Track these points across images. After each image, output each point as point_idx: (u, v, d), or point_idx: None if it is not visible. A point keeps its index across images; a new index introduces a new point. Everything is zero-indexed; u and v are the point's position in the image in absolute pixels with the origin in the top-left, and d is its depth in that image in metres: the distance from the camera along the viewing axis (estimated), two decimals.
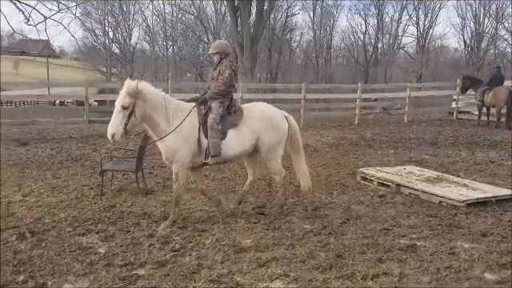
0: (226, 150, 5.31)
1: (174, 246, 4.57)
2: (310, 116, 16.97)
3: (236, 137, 5.37)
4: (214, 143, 5.20)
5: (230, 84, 5.48)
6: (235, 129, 5.39)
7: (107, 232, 5.00)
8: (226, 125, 5.33)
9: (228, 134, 5.33)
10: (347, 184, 7.44)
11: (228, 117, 5.39)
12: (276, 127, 5.59)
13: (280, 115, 5.74)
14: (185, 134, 5.16)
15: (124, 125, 4.87)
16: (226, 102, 5.41)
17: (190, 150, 5.20)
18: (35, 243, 4.66)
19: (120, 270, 4.02)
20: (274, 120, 5.61)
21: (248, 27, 15.76)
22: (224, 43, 6.17)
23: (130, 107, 4.87)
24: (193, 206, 6.11)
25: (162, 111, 5.12)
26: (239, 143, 5.40)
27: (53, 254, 4.37)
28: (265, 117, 5.56)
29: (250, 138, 5.45)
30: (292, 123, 5.85)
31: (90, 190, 6.87)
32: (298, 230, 5.10)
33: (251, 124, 5.45)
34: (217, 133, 5.22)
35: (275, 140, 5.58)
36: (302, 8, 51.48)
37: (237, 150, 5.42)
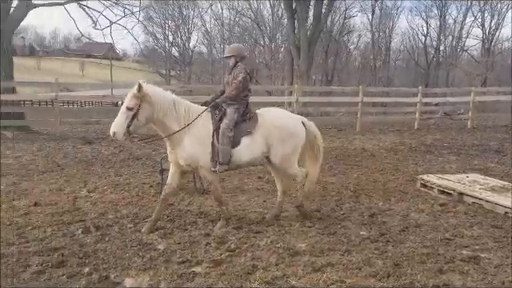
0: (237, 157, 5.15)
1: (230, 246, 4.64)
2: (367, 120, 16.64)
3: (248, 145, 5.18)
4: (225, 150, 5.04)
5: (244, 88, 5.28)
6: (248, 136, 5.19)
7: (166, 229, 5.15)
8: (239, 132, 5.15)
9: (241, 142, 5.14)
10: (406, 191, 7.22)
11: (242, 124, 5.21)
12: (290, 135, 5.34)
13: (295, 121, 5.53)
14: (201, 137, 5.07)
15: (127, 125, 4.81)
16: (241, 108, 5.24)
17: (209, 155, 5.08)
18: (99, 237, 4.88)
19: (178, 266, 4.13)
20: (288, 127, 5.36)
21: (305, 30, 15.69)
22: (239, 46, 5.95)
23: (134, 109, 4.81)
24: (248, 207, 6.17)
25: (172, 115, 5.01)
26: (251, 151, 5.20)
27: (115, 248, 4.56)
28: (278, 124, 5.31)
29: (262, 145, 5.23)
30: (311, 129, 5.62)
31: (150, 188, 7.12)
32: (355, 236, 5.01)
33: (264, 131, 5.22)
34: (228, 139, 5.05)
35: (289, 148, 5.34)
36: (361, 10, 50.61)
37: (248, 157, 5.23)
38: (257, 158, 5.33)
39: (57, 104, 13.57)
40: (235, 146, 5.11)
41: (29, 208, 5.92)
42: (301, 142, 5.45)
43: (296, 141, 5.40)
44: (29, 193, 6.75)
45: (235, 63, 5.43)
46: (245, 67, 5.39)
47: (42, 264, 4.12)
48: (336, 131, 15.01)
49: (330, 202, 6.46)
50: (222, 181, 7.66)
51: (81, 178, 7.83)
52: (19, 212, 5.75)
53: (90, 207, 6.04)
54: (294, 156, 5.45)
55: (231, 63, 5.47)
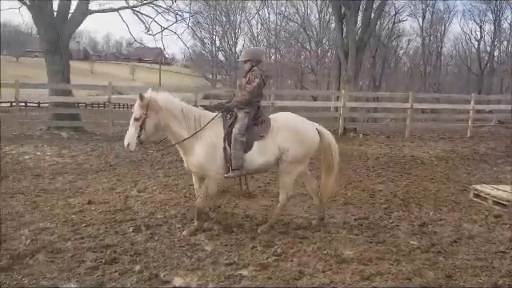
0: (249, 162, 5.04)
1: (276, 250, 4.63)
2: (416, 126, 16.20)
3: (261, 149, 5.07)
4: (237, 155, 4.95)
5: (257, 94, 5.20)
6: (261, 141, 5.07)
7: (213, 231, 5.22)
8: (251, 136, 5.04)
9: (253, 146, 5.04)
10: (458, 201, 6.96)
11: (254, 128, 5.11)
12: (303, 140, 5.19)
13: (309, 128, 5.35)
14: (211, 144, 4.98)
15: (137, 136, 4.82)
16: (252, 112, 5.15)
17: (219, 163, 5.00)
18: (149, 236, 5.02)
19: (225, 268, 4.18)
20: (300, 132, 5.21)
21: (353, 34, 15.50)
22: (256, 50, 5.80)
23: (140, 119, 4.80)
24: (294, 212, 6.15)
25: (182, 122, 4.97)
26: (263, 156, 5.09)
27: (164, 247, 4.68)
28: (291, 128, 5.18)
29: (274, 150, 5.10)
30: (326, 137, 5.43)
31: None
32: (404, 246, 4.89)
33: (277, 136, 5.10)
34: (241, 145, 4.96)
35: (300, 153, 5.17)
36: (411, 14, 49.34)
37: (260, 162, 5.11)
38: (270, 162, 5.18)
39: (109, 106, 14.10)
40: (247, 151, 5.02)
41: (83, 206, 6.16)
42: (313, 148, 5.31)
43: (308, 146, 5.23)
44: (83, 191, 7.04)
45: (251, 67, 5.34)
46: (261, 72, 5.28)
47: (96, 260, 4.28)
48: (384, 137, 14.69)
49: (378, 210, 6.32)
50: (268, 185, 7.70)
51: (131, 177, 8.08)
52: (74, 209, 6.01)
53: (140, 206, 6.22)
54: (302, 164, 5.30)
55: (247, 67, 5.40)
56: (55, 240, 4.82)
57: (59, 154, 10.15)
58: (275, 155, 5.12)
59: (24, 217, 5.60)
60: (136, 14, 15.03)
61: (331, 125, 16.07)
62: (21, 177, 7.86)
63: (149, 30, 15.39)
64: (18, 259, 4.27)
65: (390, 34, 46.29)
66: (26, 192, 6.81)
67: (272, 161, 5.16)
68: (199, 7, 35.84)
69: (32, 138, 12.32)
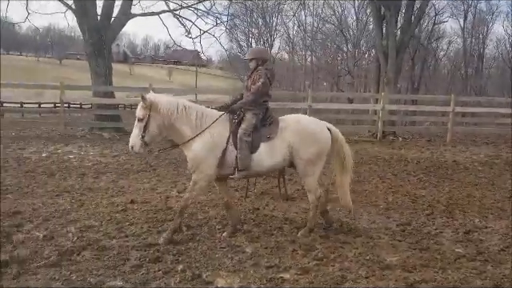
0: (257, 163, 4.96)
1: (317, 254, 4.60)
2: (458, 130, 15.73)
3: (268, 150, 4.98)
4: (243, 156, 4.87)
5: (263, 93, 5.09)
6: (269, 142, 4.99)
7: (252, 233, 5.24)
8: (258, 137, 4.97)
9: (260, 147, 4.96)
10: (504, 208, 6.71)
11: (262, 129, 5.04)
12: (314, 140, 5.07)
13: (320, 127, 5.23)
14: (211, 142, 4.90)
15: (141, 137, 4.81)
16: (260, 113, 5.07)
17: (215, 160, 4.90)
18: (190, 236, 5.09)
19: (266, 271, 4.18)
20: (311, 132, 5.10)
21: (394, 36, 15.22)
22: (261, 49, 5.58)
23: (144, 119, 4.79)
24: (334, 216, 6.08)
25: (184, 120, 4.91)
26: (271, 157, 5.00)
27: (206, 248, 4.73)
28: (301, 129, 5.08)
29: (283, 151, 5.01)
30: (337, 136, 5.29)
31: (235, 192, 7.28)
32: (449, 254, 4.75)
33: (286, 137, 5.01)
34: (246, 145, 4.89)
35: (313, 153, 5.05)
36: (452, 15, 47.97)
37: (268, 163, 5.03)
38: (278, 164, 5.11)
39: None
40: (254, 152, 4.94)
41: (126, 205, 6.32)
42: (325, 148, 5.16)
43: (320, 146, 5.11)
44: (125, 190, 7.21)
45: (256, 66, 5.24)
46: (266, 71, 5.16)
47: (140, 258, 4.38)
48: (424, 141, 14.35)
49: (420, 216, 6.18)
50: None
51: (171, 178, 8.21)
52: (118, 208, 6.16)
53: None
54: (319, 164, 5.14)
55: (252, 66, 5.29)
56: (100, 238, 4.96)
57: (102, 154, 10.45)
58: (283, 156, 5.04)
59: (70, 214, 5.79)
60: (177, 17, 15.29)
61: (369, 128, 15.87)
62: (66, 175, 8.14)
63: (189, 33, 15.64)
64: (66, 255, 4.41)
65: (429, 35, 45.17)
66: (71, 190, 7.05)
67: (280, 162, 5.09)
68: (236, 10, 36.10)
69: (75, 138, 12.75)
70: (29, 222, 5.41)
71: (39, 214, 5.76)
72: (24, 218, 5.58)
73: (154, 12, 15.09)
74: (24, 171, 8.32)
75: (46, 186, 7.31)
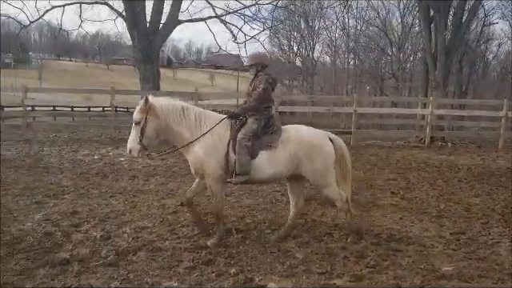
0: (256, 170, 4.89)
1: (369, 261, 4.54)
2: (510, 136, 15.08)
3: (268, 159, 4.90)
4: (242, 160, 4.81)
5: (264, 99, 5.03)
6: (269, 150, 4.91)
7: (302, 238, 5.23)
8: (258, 144, 4.89)
9: (259, 154, 4.88)
10: None
11: (264, 136, 4.96)
12: (318, 151, 4.99)
13: (321, 137, 5.13)
14: (212, 144, 4.88)
15: (139, 140, 4.84)
16: (262, 120, 5.01)
17: (218, 162, 4.87)
18: (241, 240, 5.14)
19: (318, 277, 4.17)
20: (314, 143, 5.01)
21: (443, 39, 14.80)
22: (260, 54, 5.63)
23: (141, 123, 4.82)
24: (384, 223, 5.98)
25: (182, 122, 4.93)
26: (271, 166, 4.91)
27: (257, 252, 4.76)
28: (304, 140, 4.99)
29: (286, 162, 4.92)
30: (339, 145, 5.19)
31: (282, 196, 7.29)
32: (508, 264, 4.57)
33: (288, 147, 4.93)
34: (245, 150, 4.82)
35: (319, 164, 4.97)
36: (502, 16, 46.08)
37: (269, 172, 4.93)
38: (281, 173, 5.00)
39: None
40: (253, 158, 4.87)
41: (177, 207, 6.46)
42: (330, 158, 5.05)
43: (325, 157, 5.01)
44: (175, 193, 7.38)
45: (256, 72, 5.21)
46: (267, 77, 5.12)
47: (193, 260, 4.47)
48: (475, 147, 13.87)
49: (475, 225, 5.97)
50: (355, 194, 7.56)
51: None
52: (169, 210, 6.32)
53: (229, 210, 6.39)
54: (329, 174, 5.06)
55: (252, 72, 5.26)
56: (154, 239, 5.10)
57: (150, 157, 10.72)
58: (287, 167, 4.96)
59: (125, 215, 5.99)
60: (223, 23, 15.52)
61: (416, 133, 15.49)
62: (118, 177, 8.42)
63: (236, 38, 15.83)
64: (123, 255, 4.57)
65: (478, 37, 43.60)
66: (124, 192, 7.28)
67: (283, 172, 5.00)
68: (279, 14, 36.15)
69: (124, 142, 13.10)
70: (86, 222, 5.63)
71: (95, 214, 5.99)
72: (81, 218, 5.81)
73: (201, 18, 15.40)
74: (78, 173, 8.67)
75: (100, 187, 7.58)
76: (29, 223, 5.51)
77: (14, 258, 4.42)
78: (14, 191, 7.00)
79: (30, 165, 9.26)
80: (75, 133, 15.28)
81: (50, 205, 6.35)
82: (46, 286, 3.86)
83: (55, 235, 5.11)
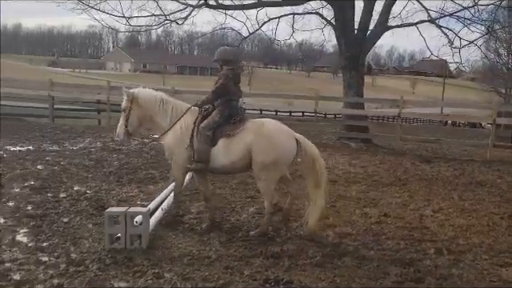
0: (213, 158, 5.14)
1: None
2: None
3: (225, 147, 5.11)
4: (200, 148, 5.12)
5: (223, 93, 5.29)
6: (226, 138, 5.12)
7: None
8: (219, 133, 5.14)
9: (219, 143, 5.13)
10: None
11: (226, 125, 5.17)
12: (273, 145, 5.02)
13: (283, 134, 5.16)
14: (179, 133, 5.25)
15: (124, 126, 5.32)
16: (225, 111, 5.24)
17: (184, 150, 5.20)
18: (452, 262, 4.74)
19: None
20: (271, 137, 5.06)
21: None
22: (223, 50, 5.57)
23: (126, 110, 5.33)
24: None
25: (159, 112, 5.36)
26: (226, 154, 5.11)
27: (473, 278, 4.34)
28: (262, 132, 5.07)
29: (239, 151, 5.07)
30: (306, 148, 5.17)
31: (501, 220, 6.47)
32: None
33: (244, 137, 5.07)
34: (205, 138, 5.11)
35: (269, 159, 5.01)
36: None
37: (224, 161, 5.14)
38: (235, 164, 5.16)
39: (398, 120, 14.22)
40: (214, 146, 5.11)
41: (380, 218, 6.32)
42: (284, 156, 5.11)
43: (277, 154, 5.04)
44: (376, 203, 7.23)
45: (220, 67, 5.44)
46: (227, 72, 5.34)
47: (401, 275, 4.30)
48: None
49: None
50: None
51: (423, 196, 7.84)
52: (372, 220, 6.22)
53: (437, 228, 5.96)
54: (274, 171, 5.10)
55: (219, 67, 5.48)
56: (358, 247, 5.09)
57: (350, 164, 10.77)
58: (241, 157, 5.09)
59: (328, 219, 6.12)
60: (438, 27, 14.61)
61: None
62: None
63: (452, 43, 14.74)
64: (328, 258, 4.66)
65: None
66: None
67: (237, 161, 5.12)
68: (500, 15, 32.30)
69: (325, 147, 13.49)
70: (293, 221, 5.94)
71: (301, 214, 6.25)
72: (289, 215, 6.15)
73: (412, 23, 14.79)
74: None
75: (304, 189, 7.91)
76: (244, 215, 6.09)
77: (233, 244, 4.95)
78: (231, 185, 7.84)
79: None
80: None
81: (260, 200, 6.89)
82: (261, 275, 4.20)
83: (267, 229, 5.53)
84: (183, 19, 15.30)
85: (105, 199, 6.48)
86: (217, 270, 4.25)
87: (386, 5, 14.44)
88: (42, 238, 4.84)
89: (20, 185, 6.96)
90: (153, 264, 4.27)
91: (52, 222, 5.33)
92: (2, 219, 5.37)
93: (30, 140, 11.34)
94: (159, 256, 4.48)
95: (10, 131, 12.46)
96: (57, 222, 5.38)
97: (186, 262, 4.39)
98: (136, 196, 6.56)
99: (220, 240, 5.04)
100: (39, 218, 5.45)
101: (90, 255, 4.40)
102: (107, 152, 10.09)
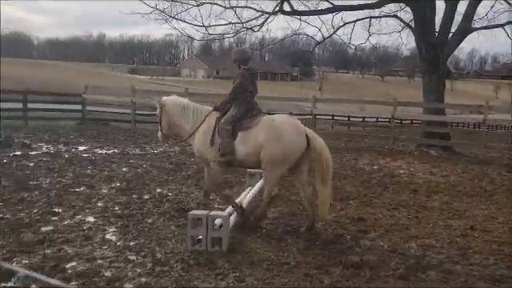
0: (236, 150, 5.46)
1: None
2: None
3: (243, 139, 5.45)
4: (224, 142, 5.46)
5: (241, 91, 5.62)
6: (244, 131, 5.46)
7: None
8: (238, 126, 5.48)
9: (238, 136, 5.47)
10: None
11: (244, 120, 5.51)
12: (281, 139, 5.28)
13: (295, 130, 5.40)
14: (202, 134, 5.67)
15: (160, 129, 6.07)
16: (242, 107, 5.56)
17: (211, 148, 5.57)
18: None
19: None
20: (281, 131, 5.33)
21: None
22: (239, 50, 6.13)
23: (158, 116, 6.00)
24: None
25: (182, 117, 5.84)
26: (244, 146, 5.44)
27: None
28: (273, 126, 5.39)
29: (253, 143, 5.39)
30: (316, 144, 5.36)
31: None
32: None
33: (258, 130, 5.40)
34: (226, 133, 5.45)
35: (276, 153, 5.28)
36: None
37: (242, 152, 5.46)
38: (250, 155, 5.44)
39: (483, 127, 13.40)
40: (234, 139, 5.46)
41: (465, 230, 5.97)
42: (292, 151, 5.32)
43: (286, 147, 5.28)
44: (461, 214, 6.84)
45: (239, 67, 5.77)
46: (244, 72, 5.68)
47: None
48: None
49: None
50: None
51: None
52: (456, 232, 5.90)
53: None
54: (281, 165, 5.35)
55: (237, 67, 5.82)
56: (444, 260, 4.84)
57: (430, 172, 10.30)
58: (254, 148, 5.37)
59: (410, 230, 5.90)
60: None
61: None
62: (399, 190, 8.37)
63: None
64: (412, 271, 4.47)
65: None
66: (406, 206, 7.18)
67: (251, 153, 5.41)
68: None
69: (403, 154, 13.03)
70: (372, 231, 5.79)
71: (380, 224, 6.10)
72: (367, 225, 6.01)
73: (498, 24, 13.90)
74: (360, 181, 9.02)
75: (382, 197, 7.70)
76: (320, 222, 6.02)
77: (311, 252, 4.91)
78: None
79: None
80: (351, 142, 16.00)
81: (337, 208, 6.81)
82: (342, 285, 4.13)
83: (345, 238, 5.44)
84: (259, 26, 15.51)
85: (185, 202, 6.72)
86: (296, 277, 4.24)
87: (470, 5, 13.68)
88: (129, 237, 5.11)
89: (108, 186, 7.42)
90: (233, 267, 4.34)
91: (138, 222, 5.61)
92: (92, 218, 5.75)
93: (115, 143, 12.06)
94: (239, 260, 4.54)
95: (97, 135, 13.35)
96: (142, 222, 5.65)
97: (266, 267, 4.41)
98: (214, 199, 6.73)
99: (297, 247, 5.02)
100: (126, 218, 5.76)
101: (174, 256, 4.57)
102: (185, 156, 10.45)
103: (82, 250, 4.65)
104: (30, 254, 4.46)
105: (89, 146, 11.26)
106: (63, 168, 8.51)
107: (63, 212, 5.90)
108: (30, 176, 7.72)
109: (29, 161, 8.96)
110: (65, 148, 10.78)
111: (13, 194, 6.51)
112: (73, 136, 12.90)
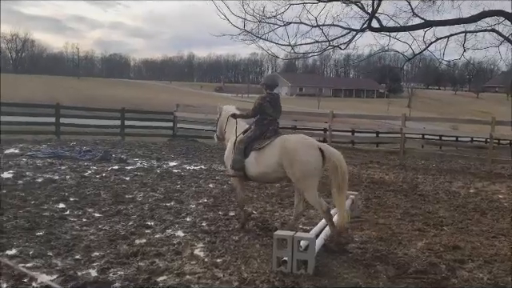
0: (248, 168, 5.91)
1: None
2: None
3: (256, 159, 5.81)
4: (235, 158, 6.00)
5: (258, 112, 6.06)
6: (257, 152, 5.82)
7: None
8: (251, 146, 5.88)
9: (250, 155, 5.87)
10: None
11: (257, 140, 5.89)
12: (296, 158, 5.44)
13: (305, 146, 5.51)
14: (230, 145, 6.28)
15: (216, 131, 7.02)
16: (258, 128, 6.02)
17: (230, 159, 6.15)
18: None
19: None
20: (295, 151, 5.47)
21: None
22: (269, 77, 7.09)
23: (217, 119, 6.89)
24: None
25: (224, 125, 6.61)
26: (258, 166, 5.79)
27: None
28: (286, 147, 5.56)
29: (269, 163, 5.68)
30: (334, 157, 5.42)
31: None
32: None
33: (273, 151, 5.66)
34: (239, 151, 5.95)
35: (298, 171, 5.45)
36: None
37: (256, 170, 5.84)
38: (269, 174, 5.81)
39: None
40: (246, 157, 5.91)
41: None
42: (310, 168, 5.42)
43: (303, 166, 5.42)
44: None
45: (265, 90, 6.20)
46: (264, 96, 6.09)
47: None
48: None
49: None
50: None
51: None
52: None
53: None
54: (307, 180, 5.47)
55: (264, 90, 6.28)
56: None
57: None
58: (273, 169, 5.69)
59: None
60: None
61: None
62: (499, 217, 7.68)
63: None
64: None
65: None
66: (507, 234, 6.56)
67: (270, 173, 5.77)
68: None
69: (502, 177, 12.02)
70: (470, 261, 5.35)
71: (479, 253, 5.63)
72: (464, 254, 5.56)
73: None
74: (455, 205, 8.43)
75: (480, 224, 7.12)
76: (412, 249, 5.70)
77: (403, 280, 4.64)
78: (395, 215, 7.46)
79: (407, 191, 9.69)
80: (443, 162, 15.09)
81: (430, 234, 6.41)
82: None
83: (440, 267, 5.07)
84: (346, 44, 15.33)
85: (269, 220, 6.73)
86: None
87: None
88: (216, 253, 5.20)
89: (195, 201, 7.67)
90: None
91: (224, 239, 5.71)
92: (182, 233, 5.95)
93: (202, 160, 12.50)
94: (325, 284, 4.43)
95: (186, 151, 13.93)
96: (228, 239, 5.74)
97: None
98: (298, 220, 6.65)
99: (388, 274, 4.78)
100: (213, 234, 5.89)
101: (260, 276, 4.57)
102: None
103: (172, 264, 4.81)
104: (125, 265, 4.70)
105: (178, 162, 11.77)
106: (155, 183, 8.97)
107: (155, 225, 6.18)
108: (126, 190, 8.22)
109: (125, 175, 9.56)
110: (157, 163, 11.36)
111: (110, 207, 6.96)
112: (164, 152, 13.59)
